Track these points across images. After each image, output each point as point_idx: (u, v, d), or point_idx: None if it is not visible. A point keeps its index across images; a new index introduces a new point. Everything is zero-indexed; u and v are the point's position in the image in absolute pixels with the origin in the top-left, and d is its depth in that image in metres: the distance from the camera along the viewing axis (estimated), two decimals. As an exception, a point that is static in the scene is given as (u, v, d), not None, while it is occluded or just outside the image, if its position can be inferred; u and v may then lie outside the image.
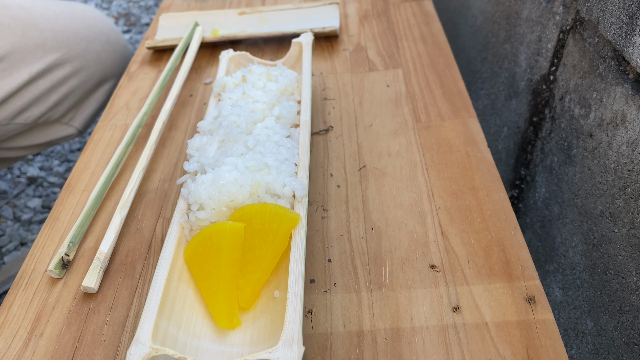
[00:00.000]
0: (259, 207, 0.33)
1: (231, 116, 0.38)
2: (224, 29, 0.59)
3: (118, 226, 0.39)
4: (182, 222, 0.34)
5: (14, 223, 1.16)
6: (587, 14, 0.42)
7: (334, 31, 0.58)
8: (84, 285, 0.35)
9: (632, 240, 0.37)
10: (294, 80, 0.45)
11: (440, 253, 0.35)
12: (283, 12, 0.61)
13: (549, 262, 0.51)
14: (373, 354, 0.31)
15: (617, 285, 0.39)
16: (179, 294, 0.31)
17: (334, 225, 0.38)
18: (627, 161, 0.37)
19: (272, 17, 0.60)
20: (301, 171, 0.36)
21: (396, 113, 0.47)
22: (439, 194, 0.40)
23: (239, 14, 0.61)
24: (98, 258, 0.36)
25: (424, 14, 0.61)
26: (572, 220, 0.46)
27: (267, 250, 0.32)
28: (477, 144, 0.43)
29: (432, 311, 0.32)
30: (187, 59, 0.54)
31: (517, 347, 0.30)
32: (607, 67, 0.40)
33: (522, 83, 0.56)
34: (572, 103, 0.46)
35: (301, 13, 0.60)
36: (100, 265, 0.36)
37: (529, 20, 0.53)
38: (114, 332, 0.33)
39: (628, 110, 0.37)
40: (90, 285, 0.35)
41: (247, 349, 0.30)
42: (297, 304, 0.29)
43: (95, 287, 0.35)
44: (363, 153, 0.44)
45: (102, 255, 0.37)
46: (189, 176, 0.37)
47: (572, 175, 0.46)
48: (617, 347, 0.40)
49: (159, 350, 0.27)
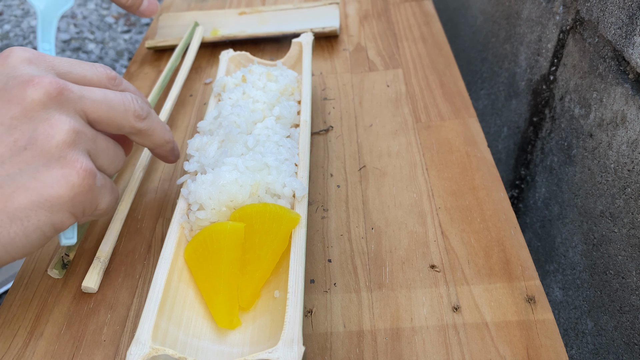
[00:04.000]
0: (259, 207, 0.33)
1: (231, 116, 0.38)
2: (224, 29, 0.59)
3: (118, 226, 0.39)
4: (182, 222, 0.34)
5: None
6: (587, 14, 0.42)
7: (334, 31, 0.57)
8: (84, 285, 0.35)
9: (632, 240, 0.37)
10: (294, 80, 0.45)
11: (440, 253, 0.35)
12: (283, 12, 0.61)
13: (549, 262, 0.51)
14: (373, 354, 0.31)
15: (617, 285, 0.39)
16: (179, 294, 0.31)
17: (334, 225, 0.38)
18: (627, 161, 0.37)
19: (272, 17, 0.60)
20: (301, 171, 0.36)
21: (396, 113, 0.47)
22: (439, 194, 0.40)
23: (239, 14, 0.61)
24: (98, 258, 0.36)
25: (424, 14, 0.61)
26: (572, 220, 0.46)
27: (267, 250, 0.32)
28: (477, 144, 0.43)
29: (432, 311, 0.32)
30: (188, 58, 0.54)
31: (517, 347, 0.30)
32: (607, 67, 0.40)
33: (522, 83, 0.56)
34: (572, 103, 0.46)
35: (301, 13, 0.60)
36: (100, 265, 0.36)
37: (529, 20, 0.53)
38: (114, 332, 0.33)
39: (628, 110, 0.37)
40: (91, 285, 0.35)
41: (247, 349, 0.30)
42: (297, 304, 0.29)
43: (95, 287, 0.35)
44: (363, 153, 0.44)
45: (103, 255, 0.37)
46: (189, 176, 0.37)
47: (572, 175, 0.46)
48: (617, 347, 0.40)
49: (159, 350, 0.27)
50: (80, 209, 0.30)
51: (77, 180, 0.28)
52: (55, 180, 0.28)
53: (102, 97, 0.31)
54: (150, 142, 0.35)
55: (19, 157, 0.28)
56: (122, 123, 0.32)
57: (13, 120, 0.28)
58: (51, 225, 0.29)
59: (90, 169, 0.29)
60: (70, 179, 0.28)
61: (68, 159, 0.28)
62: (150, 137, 0.35)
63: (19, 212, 0.27)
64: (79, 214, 0.30)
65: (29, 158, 0.28)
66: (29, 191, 0.27)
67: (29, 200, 0.27)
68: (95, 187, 0.30)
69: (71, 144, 0.29)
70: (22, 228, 0.28)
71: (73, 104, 0.30)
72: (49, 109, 0.29)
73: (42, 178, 0.28)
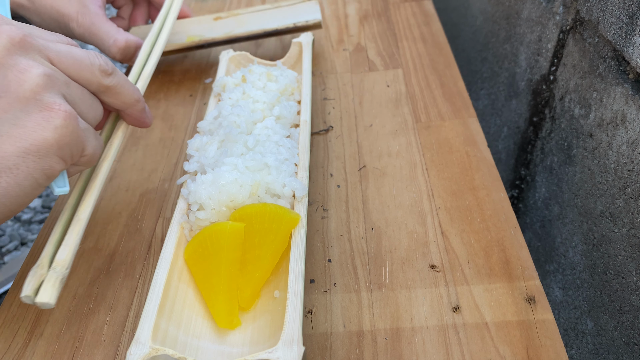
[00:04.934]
0: (259, 207, 0.33)
1: (231, 116, 0.38)
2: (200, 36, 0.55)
3: (79, 228, 0.32)
4: (182, 222, 0.34)
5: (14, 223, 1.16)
6: (587, 14, 0.42)
7: (318, 23, 0.55)
8: (39, 300, 0.28)
9: (632, 240, 0.37)
10: (294, 80, 0.45)
11: (440, 253, 0.35)
12: (261, 12, 0.57)
13: (549, 262, 0.51)
14: (373, 354, 0.31)
15: (617, 285, 0.39)
16: (179, 294, 0.31)
17: (334, 225, 0.38)
18: (627, 161, 0.37)
19: (250, 19, 0.57)
20: (301, 171, 0.36)
21: (396, 113, 0.47)
22: (439, 194, 0.40)
23: (214, 19, 0.57)
24: (54, 268, 0.29)
25: (424, 14, 0.61)
26: (572, 220, 0.46)
27: (267, 250, 0.32)
28: (477, 144, 0.43)
29: (432, 311, 0.32)
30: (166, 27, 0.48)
31: (517, 347, 0.30)
32: (607, 67, 0.40)
33: (522, 83, 0.56)
34: (572, 103, 0.46)
35: (280, 12, 0.57)
36: (55, 276, 0.29)
37: (529, 20, 0.53)
38: (113, 332, 0.33)
39: (628, 110, 0.37)
40: (46, 300, 0.28)
41: (247, 349, 0.30)
42: (297, 304, 0.29)
43: (52, 301, 0.28)
44: (363, 153, 0.44)
45: (60, 264, 0.29)
46: (189, 176, 0.37)
47: (572, 175, 0.46)
48: (617, 347, 0.40)
49: (159, 350, 0.27)
50: (67, 152, 0.29)
51: (59, 121, 0.28)
52: (37, 124, 0.27)
53: (67, 49, 0.31)
54: (119, 101, 0.34)
55: None
56: (89, 77, 0.31)
57: None
58: (41, 170, 0.28)
59: (70, 111, 0.29)
60: (52, 121, 0.28)
61: (45, 101, 0.28)
62: (119, 95, 0.34)
63: (6, 161, 0.27)
64: (67, 157, 0.29)
65: (5, 106, 0.27)
66: (12, 138, 0.27)
67: (15, 147, 0.27)
68: (79, 128, 0.29)
69: (45, 87, 0.28)
70: (13, 177, 0.27)
71: (38, 50, 0.29)
72: (14, 55, 0.28)
73: (23, 124, 0.27)
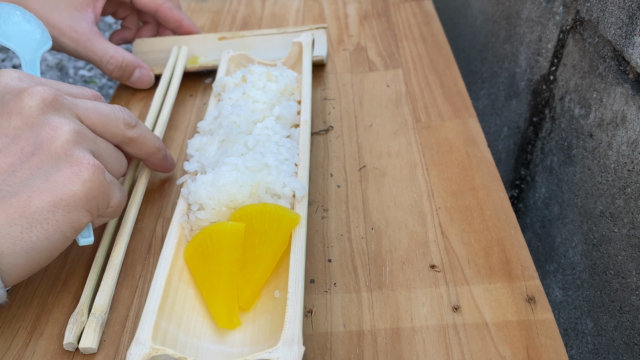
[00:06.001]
0: (259, 207, 0.33)
1: (231, 116, 0.38)
2: (203, 56, 0.55)
3: (114, 273, 0.35)
4: (182, 222, 0.34)
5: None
6: (587, 14, 0.42)
7: (321, 60, 0.53)
8: (82, 346, 0.31)
9: (632, 240, 0.37)
10: (294, 80, 0.45)
11: (440, 253, 0.35)
12: (266, 37, 0.55)
13: (549, 262, 0.51)
14: (373, 354, 0.31)
15: (617, 285, 0.39)
16: (179, 294, 0.31)
17: (334, 225, 0.38)
18: (627, 161, 0.37)
19: (254, 42, 0.55)
20: (301, 171, 0.36)
21: (396, 113, 0.47)
22: (439, 194, 0.40)
23: (219, 39, 0.55)
24: (93, 314, 0.32)
25: (424, 14, 0.61)
26: (572, 220, 0.46)
27: (267, 250, 0.32)
28: (477, 144, 0.43)
29: (432, 311, 0.32)
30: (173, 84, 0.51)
31: (517, 347, 0.30)
32: (607, 67, 0.40)
33: (522, 83, 0.56)
34: (572, 103, 0.46)
35: (286, 38, 0.54)
36: (96, 321, 0.32)
37: (529, 20, 0.53)
38: (114, 332, 0.33)
39: (628, 110, 0.37)
40: (89, 345, 0.31)
41: (247, 349, 0.30)
42: (297, 304, 0.29)
43: (94, 346, 0.31)
44: (363, 153, 0.44)
45: (99, 309, 0.33)
46: (189, 176, 0.37)
47: (572, 175, 0.46)
48: (617, 347, 0.40)
49: (159, 350, 0.27)
50: (94, 205, 0.30)
51: (87, 175, 0.29)
52: (67, 178, 0.29)
53: (93, 105, 0.33)
54: (142, 151, 0.37)
55: (28, 163, 0.29)
56: (114, 130, 0.34)
57: (16, 130, 0.29)
58: (69, 224, 0.29)
59: (97, 164, 0.30)
60: (81, 175, 0.29)
61: (75, 157, 0.30)
62: (142, 146, 0.36)
63: (37, 215, 0.28)
64: (93, 210, 0.31)
65: (38, 162, 0.29)
66: (44, 193, 0.28)
67: (46, 202, 0.28)
68: (105, 181, 0.31)
69: (74, 143, 0.30)
70: (42, 231, 0.28)
71: (68, 108, 0.31)
72: (47, 114, 0.30)
73: (54, 179, 0.29)
